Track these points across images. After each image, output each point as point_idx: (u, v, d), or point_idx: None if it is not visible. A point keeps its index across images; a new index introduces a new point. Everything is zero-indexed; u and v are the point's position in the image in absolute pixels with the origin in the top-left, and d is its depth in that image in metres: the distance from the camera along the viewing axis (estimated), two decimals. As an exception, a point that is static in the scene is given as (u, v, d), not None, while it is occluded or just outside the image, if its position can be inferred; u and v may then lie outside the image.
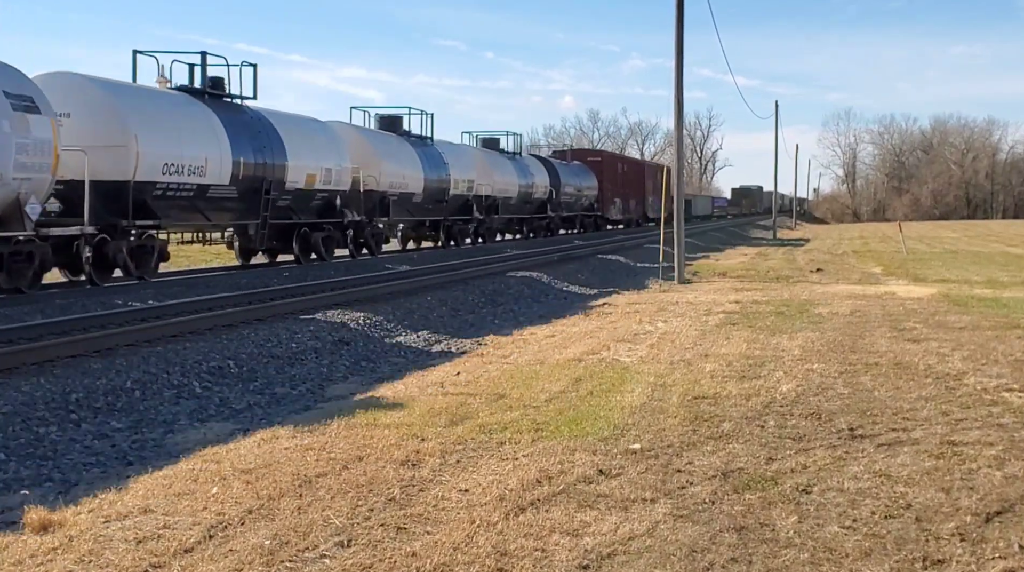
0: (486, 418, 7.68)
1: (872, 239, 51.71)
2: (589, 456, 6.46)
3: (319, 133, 24.01)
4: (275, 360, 11.01)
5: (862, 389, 8.68)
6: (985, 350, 10.79)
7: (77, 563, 4.65)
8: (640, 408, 7.94)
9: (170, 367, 9.85)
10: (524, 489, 5.72)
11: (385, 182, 26.95)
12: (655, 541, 4.87)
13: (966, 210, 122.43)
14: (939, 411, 7.74)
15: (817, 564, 4.58)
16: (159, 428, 8.14)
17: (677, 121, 23.68)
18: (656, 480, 5.92)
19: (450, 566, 4.57)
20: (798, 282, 21.65)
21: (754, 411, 7.80)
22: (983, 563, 4.59)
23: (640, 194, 57.98)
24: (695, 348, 11.31)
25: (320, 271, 20.59)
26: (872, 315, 14.43)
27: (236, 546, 4.83)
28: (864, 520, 5.16)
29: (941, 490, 5.66)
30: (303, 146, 22.43)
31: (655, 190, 60.86)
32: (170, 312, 12.95)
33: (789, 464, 6.25)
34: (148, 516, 5.36)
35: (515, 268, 22.01)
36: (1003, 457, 6.36)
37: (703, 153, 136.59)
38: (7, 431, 7.41)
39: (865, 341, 11.67)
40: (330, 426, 7.50)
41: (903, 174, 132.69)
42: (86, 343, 10.22)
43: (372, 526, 5.13)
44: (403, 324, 13.92)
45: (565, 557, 4.66)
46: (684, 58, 22.94)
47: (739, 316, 14.61)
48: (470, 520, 5.18)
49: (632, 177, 57.21)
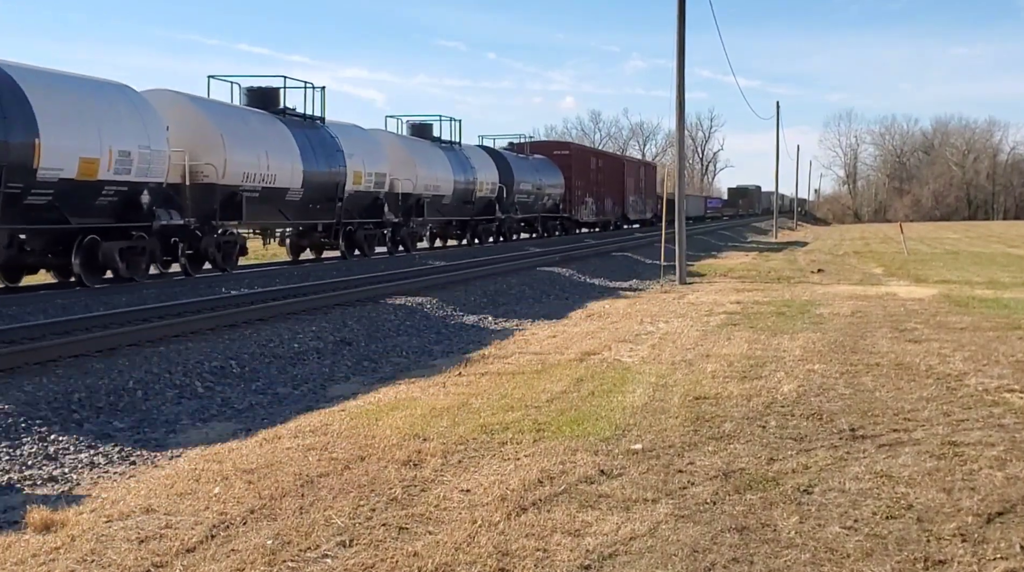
0: (487, 418, 7.69)
1: (873, 240, 51.69)
2: (591, 456, 6.46)
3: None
4: (277, 359, 11.02)
5: (863, 390, 8.68)
6: (986, 351, 10.79)
7: (79, 563, 4.66)
8: (641, 408, 7.94)
9: (172, 367, 9.86)
10: (526, 489, 5.73)
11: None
12: (656, 541, 4.87)
13: (967, 211, 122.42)
14: (940, 412, 7.74)
15: (818, 564, 4.58)
16: (161, 428, 8.15)
17: (679, 122, 23.68)
18: (657, 480, 5.92)
19: (452, 566, 4.57)
20: (799, 283, 21.65)
21: (755, 411, 7.81)
22: (984, 564, 4.59)
23: (618, 193, 52.51)
24: (696, 348, 11.31)
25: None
26: (873, 316, 14.43)
27: (238, 546, 4.84)
28: (865, 520, 5.16)
29: (942, 491, 5.66)
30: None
31: (637, 189, 56.52)
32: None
33: (790, 464, 6.25)
34: (150, 516, 5.37)
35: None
36: (1004, 458, 6.36)
37: (704, 154, 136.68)
38: (9, 431, 7.42)
39: (866, 342, 11.67)
40: (332, 426, 7.51)
41: (904, 175, 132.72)
42: (88, 343, 10.24)
43: (374, 526, 5.13)
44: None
45: (567, 557, 4.66)
46: (685, 58, 22.98)
47: (740, 316, 14.61)
48: (472, 520, 5.19)
49: (608, 174, 51.05)
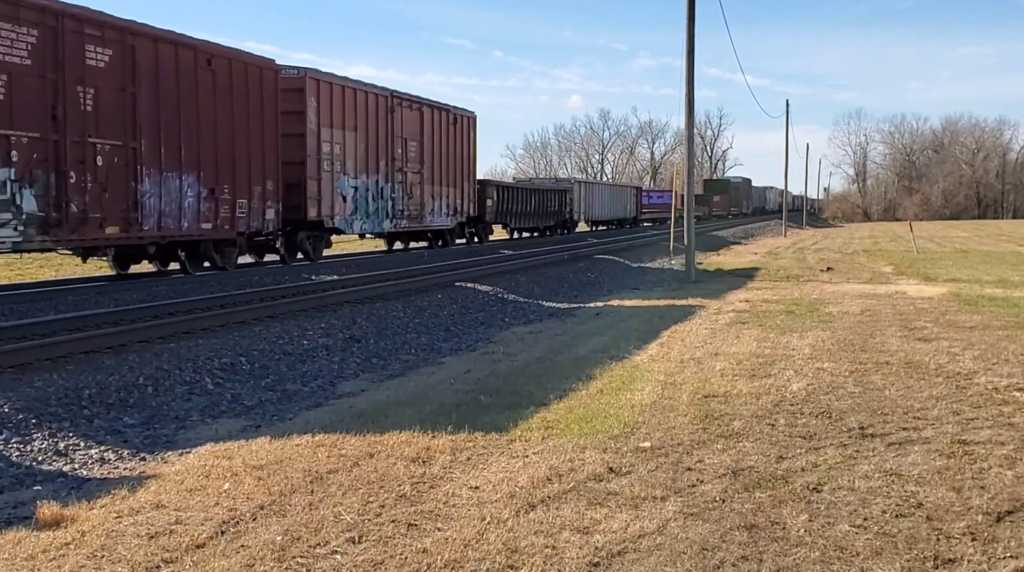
0: (496, 415, 7.70)
1: (883, 238, 51.54)
2: (599, 454, 6.46)
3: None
4: (286, 357, 11.04)
5: (872, 388, 8.66)
6: (996, 349, 10.76)
7: (89, 558, 4.68)
8: (650, 406, 7.94)
9: (182, 363, 9.88)
10: (534, 486, 5.73)
11: None
12: (665, 539, 4.87)
13: (977, 210, 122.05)
14: (950, 410, 7.72)
15: (828, 563, 4.57)
16: (171, 424, 8.17)
17: (688, 119, 23.65)
18: (666, 478, 5.92)
19: (461, 563, 4.58)
20: (808, 281, 21.61)
21: (764, 410, 7.80)
22: (994, 562, 4.58)
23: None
24: (705, 346, 11.30)
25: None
26: (883, 314, 14.39)
27: (248, 542, 4.85)
28: (875, 519, 5.15)
29: (952, 489, 5.65)
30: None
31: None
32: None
33: (799, 463, 6.24)
34: (160, 511, 5.39)
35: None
36: (1014, 456, 6.34)
37: (713, 152, 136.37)
38: (20, 426, 7.45)
39: (875, 340, 11.65)
40: (341, 422, 7.52)
41: (914, 173, 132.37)
42: (99, 339, 10.27)
43: (383, 522, 5.14)
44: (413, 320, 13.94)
45: (575, 555, 4.66)
46: (695, 56, 22.94)
47: (749, 315, 14.59)
48: (481, 517, 5.20)
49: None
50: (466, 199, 30.69)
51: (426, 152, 27.25)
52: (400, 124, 25.54)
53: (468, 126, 30.65)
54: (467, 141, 30.51)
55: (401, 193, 25.75)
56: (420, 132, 26.85)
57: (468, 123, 30.66)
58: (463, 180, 30.33)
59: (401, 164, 25.72)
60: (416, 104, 26.64)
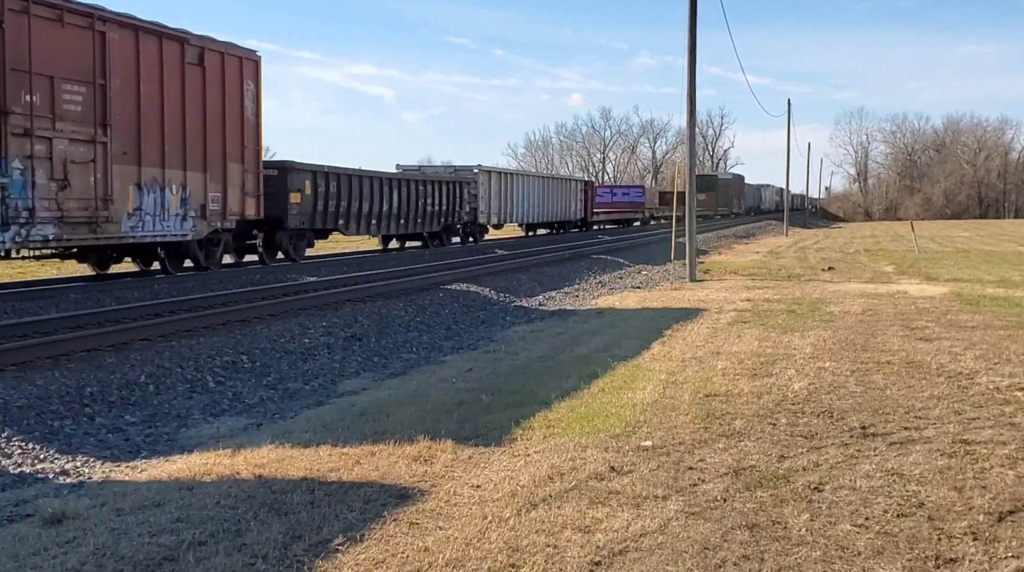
0: (497, 414, 7.70)
1: (884, 238, 51.51)
2: (601, 453, 6.46)
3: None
4: (288, 355, 11.05)
5: (874, 388, 8.66)
6: (997, 349, 10.75)
7: (91, 555, 4.68)
8: (652, 405, 7.94)
9: (184, 362, 9.89)
10: (536, 485, 5.74)
11: None
12: (667, 538, 4.87)
13: (978, 209, 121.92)
14: (951, 410, 7.72)
15: (829, 562, 4.57)
16: (172, 422, 8.18)
17: (689, 118, 23.64)
18: (668, 477, 5.92)
19: (462, 561, 4.58)
20: (810, 280, 21.60)
21: (766, 409, 7.80)
22: (996, 562, 4.58)
23: None
24: (706, 345, 11.30)
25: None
26: (884, 314, 14.39)
27: (249, 540, 4.85)
28: (876, 518, 5.15)
29: (953, 489, 5.65)
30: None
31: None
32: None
33: (801, 462, 6.24)
34: (162, 509, 5.39)
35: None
36: (1016, 456, 6.34)
37: (715, 151, 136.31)
38: (22, 424, 7.46)
39: (877, 340, 11.64)
40: (343, 421, 7.52)
41: (915, 173, 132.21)
42: (101, 338, 10.28)
43: (385, 521, 5.14)
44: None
45: (577, 554, 4.66)
46: (696, 55, 22.92)
47: (751, 314, 14.59)
48: (482, 516, 5.20)
49: None
50: (236, 191, 18.88)
51: (117, 106, 15.35)
52: (27, 47, 13.49)
53: (238, 74, 18.82)
54: (235, 97, 18.75)
55: (29, 177, 13.58)
56: (102, 70, 15.02)
57: (237, 69, 18.81)
58: (228, 160, 18.58)
59: (28, 123, 13.53)
60: (91, 18, 14.81)
